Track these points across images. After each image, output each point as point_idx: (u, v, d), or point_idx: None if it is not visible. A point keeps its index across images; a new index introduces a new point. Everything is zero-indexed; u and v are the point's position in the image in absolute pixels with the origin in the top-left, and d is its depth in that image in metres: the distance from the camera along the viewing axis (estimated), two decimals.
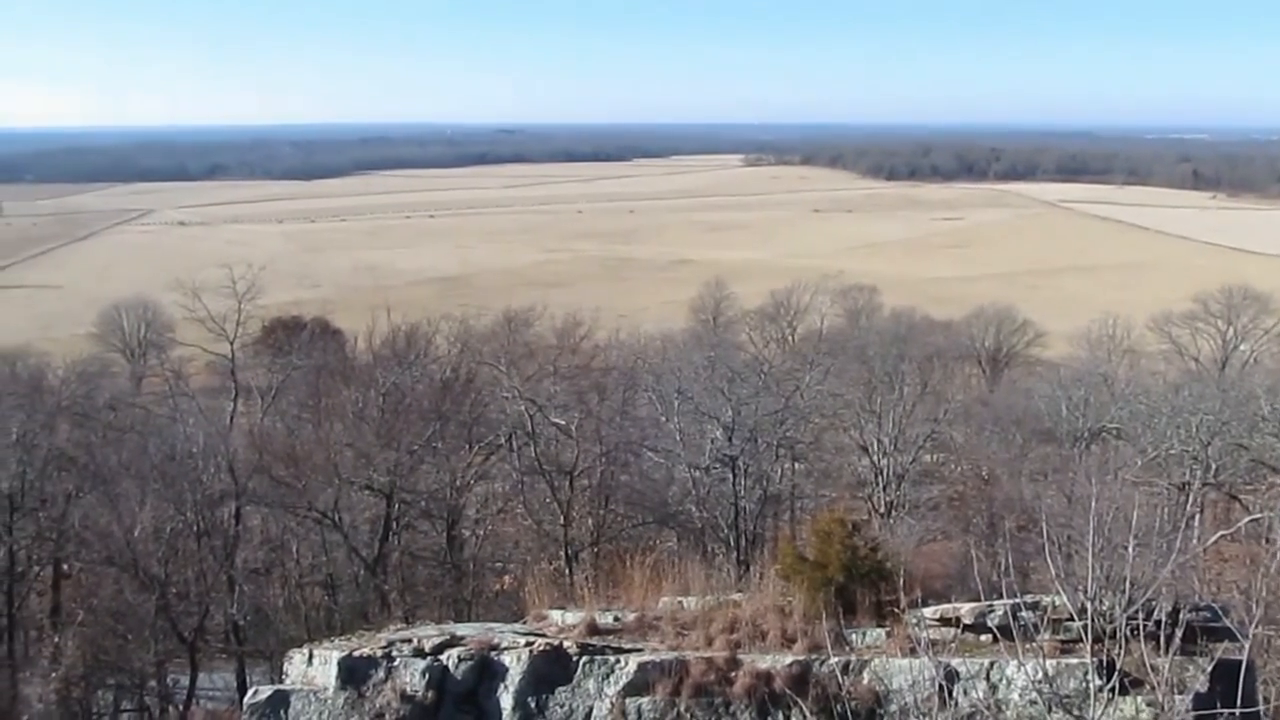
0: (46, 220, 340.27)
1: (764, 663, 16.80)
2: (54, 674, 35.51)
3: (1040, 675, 14.56)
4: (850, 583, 17.95)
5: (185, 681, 38.73)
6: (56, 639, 37.35)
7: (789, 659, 16.80)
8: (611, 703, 16.99)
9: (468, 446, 44.28)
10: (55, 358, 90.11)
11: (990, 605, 16.61)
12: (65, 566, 47.07)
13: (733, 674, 16.79)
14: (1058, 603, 15.39)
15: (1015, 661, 15.05)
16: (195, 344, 64.58)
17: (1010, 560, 15.56)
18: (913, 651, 16.17)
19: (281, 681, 19.41)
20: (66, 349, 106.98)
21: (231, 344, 51.25)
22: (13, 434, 43.02)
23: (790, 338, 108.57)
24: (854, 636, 17.44)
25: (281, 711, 18.05)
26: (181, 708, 38.91)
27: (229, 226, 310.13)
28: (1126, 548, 13.61)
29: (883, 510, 44.19)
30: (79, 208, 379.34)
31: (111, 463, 44.13)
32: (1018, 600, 15.77)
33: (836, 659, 16.35)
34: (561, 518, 39.18)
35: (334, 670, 17.91)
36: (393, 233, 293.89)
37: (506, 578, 42.38)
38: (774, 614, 17.88)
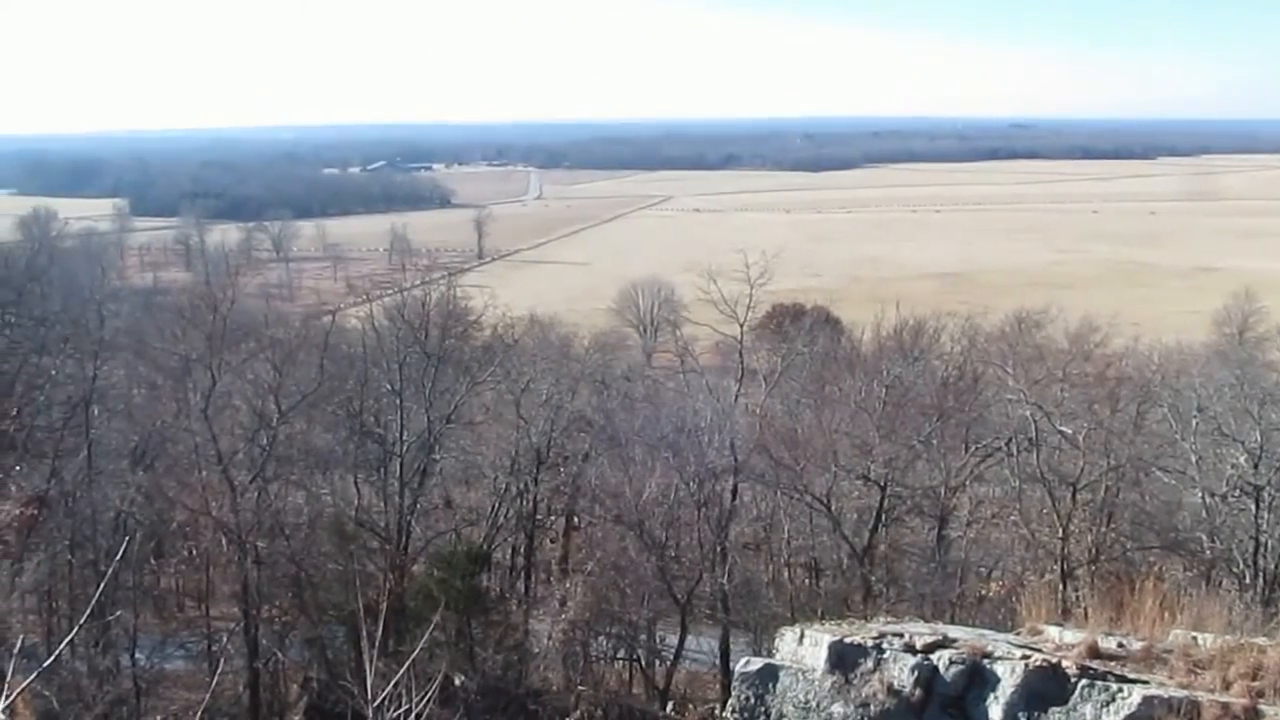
0: (579, 203, 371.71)
1: None
2: (562, 615, 38.30)
3: None
4: None
5: (673, 641, 40.44)
6: (566, 584, 40.39)
7: None
8: None
9: (964, 447, 43.30)
10: (580, 328, 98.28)
11: None
12: (575, 519, 50.90)
13: None
14: None
15: None
16: (706, 324, 67.69)
17: None
18: None
19: (770, 656, 19.95)
20: (589, 321, 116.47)
21: (741, 326, 53.18)
22: (543, 394, 46.72)
23: None
24: None
25: (770, 684, 18.53)
26: (669, 664, 41.07)
27: (739, 214, 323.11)
28: None
29: None
30: (607, 193, 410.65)
31: (624, 429, 46.74)
32: None
33: None
34: (1060, 530, 37.34)
35: (824, 653, 18.11)
36: (896, 226, 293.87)
37: (994, 584, 41.13)
38: None
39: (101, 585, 30.34)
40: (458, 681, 34.26)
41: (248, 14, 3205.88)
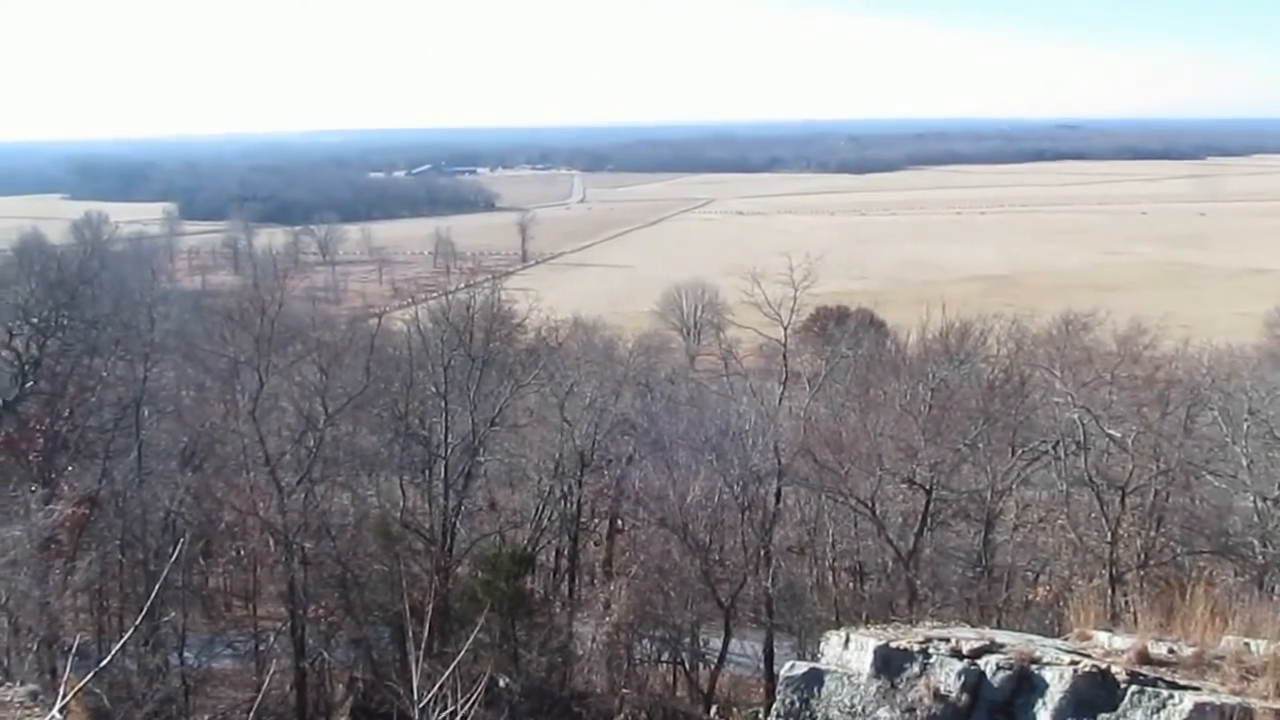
0: (622, 206, 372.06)
1: None
2: (606, 618, 38.34)
3: None
4: None
5: (717, 644, 40.44)
6: (610, 587, 40.40)
7: None
8: None
9: (1011, 450, 42.86)
10: (624, 331, 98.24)
11: None
12: (619, 522, 50.83)
13: None
14: None
15: None
16: (750, 326, 67.50)
17: None
18: None
19: (815, 660, 19.84)
20: (633, 323, 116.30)
21: (785, 329, 52.90)
22: (587, 397, 46.69)
23: None
24: None
25: (815, 689, 18.44)
26: (713, 668, 40.99)
27: (782, 217, 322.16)
28: None
29: None
30: (650, 195, 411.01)
31: (668, 432, 46.58)
32: None
33: None
34: (1108, 534, 36.88)
35: (869, 658, 18.00)
36: (941, 228, 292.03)
37: (1041, 589, 40.66)
38: None
39: (157, 588, 30.73)
40: (502, 683, 34.39)
41: (296, 20, 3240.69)
